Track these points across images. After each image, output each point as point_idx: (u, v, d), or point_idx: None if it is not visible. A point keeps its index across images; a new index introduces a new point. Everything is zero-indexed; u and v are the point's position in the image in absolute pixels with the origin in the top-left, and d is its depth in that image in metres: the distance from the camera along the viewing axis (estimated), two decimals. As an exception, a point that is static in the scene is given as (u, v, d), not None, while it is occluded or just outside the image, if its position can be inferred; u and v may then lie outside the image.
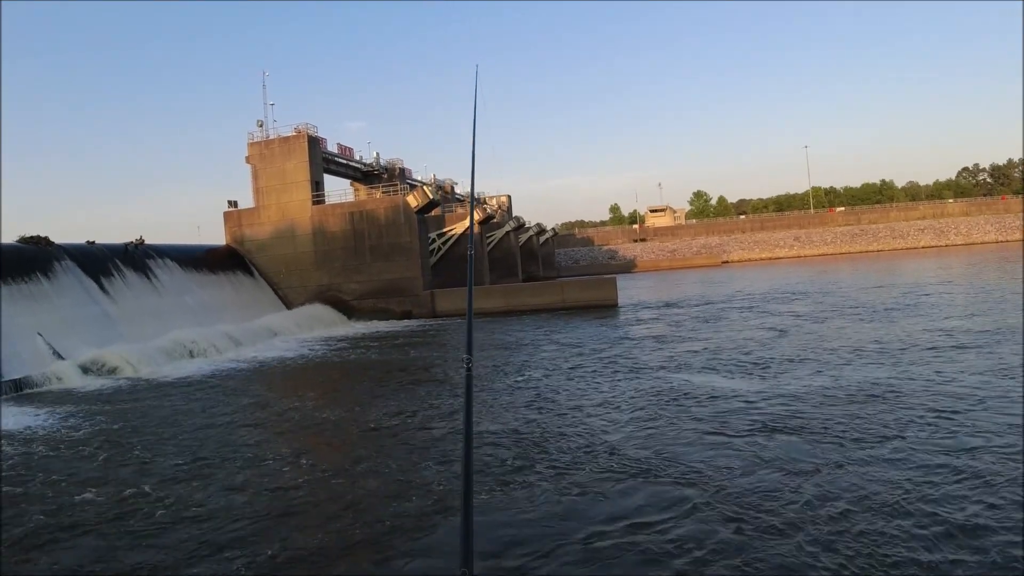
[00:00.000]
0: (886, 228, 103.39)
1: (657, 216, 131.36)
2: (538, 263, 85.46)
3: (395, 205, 42.16)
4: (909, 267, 59.70)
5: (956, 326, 22.91)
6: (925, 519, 7.86)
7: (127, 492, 10.56)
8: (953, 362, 17.14)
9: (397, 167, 57.09)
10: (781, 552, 7.26)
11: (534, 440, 12.33)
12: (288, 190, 42.76)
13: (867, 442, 11.01)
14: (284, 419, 15.76)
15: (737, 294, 43.29)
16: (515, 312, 40.04)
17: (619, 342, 25.04)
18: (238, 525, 8.97)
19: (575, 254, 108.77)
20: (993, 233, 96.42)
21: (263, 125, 43.61)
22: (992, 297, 31.22)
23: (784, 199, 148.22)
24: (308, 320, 37.41)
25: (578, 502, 9.17)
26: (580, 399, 15.77)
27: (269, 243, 42.98)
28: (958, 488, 8.71)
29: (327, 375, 22.87)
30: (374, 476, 10.84)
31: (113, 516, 9.55)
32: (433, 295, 41.86)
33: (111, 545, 8.52)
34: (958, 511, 8.02)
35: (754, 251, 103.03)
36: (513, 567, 7.32)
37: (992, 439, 10.61)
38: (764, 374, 17.27)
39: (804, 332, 24.40)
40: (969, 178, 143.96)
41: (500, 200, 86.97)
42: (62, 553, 8.36)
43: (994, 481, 8.88)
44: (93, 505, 10.07)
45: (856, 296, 36.21)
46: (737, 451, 10.97)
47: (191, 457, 12.57)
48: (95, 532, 8.99)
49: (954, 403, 13.03)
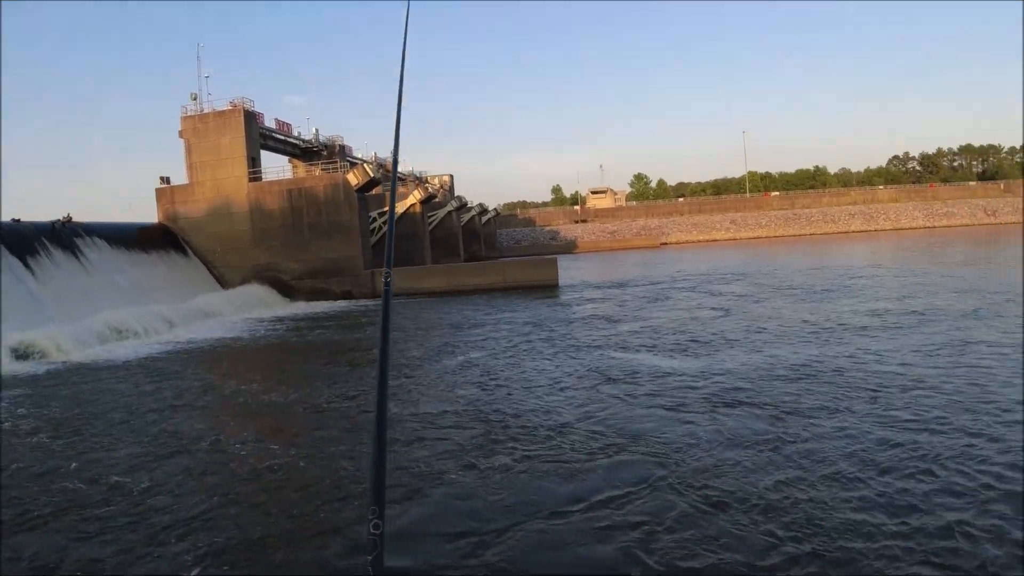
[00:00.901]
0: (819, 213, 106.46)
1: (598, 198, 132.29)
2: (480, 243, 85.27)
3: (335, 183, 41.41)
4: (841, 251, 61.63)
5: (888, 308, 23.75)
6: (870, 485, 8.29)
7: (73, 484, 10.13)
8: (889, 341, 17.80)
9: (337, 144, 56.08)
10: (738, 523, 7.49)
11: (486, 421, 12.33)
12: (224, 166, 41.53)
13: (812, 416, 11.44)
14: (229, 403, 15.37)
15: (677, 275, 43.99)
16: (457, 292, 39.92)
17: (562, 322, 25.20)
18: (189, 513, 8.73)
19: (517, 235, 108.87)
20: (921, 219, 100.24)
21: (197, 98, 42.18)
22: (921, 280, 32.48)
23: (722, 183, 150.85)
24: (245, 300, 36.53)
25: (535, 481, 9.22)
26: (529, 379, 15.84)
27: (204, 221, 41.74)
28: (898, 458, 9.10)
29: (268, 357, 22.43)
30: (323, 459, 10.69)
31: (63, 507, 9.14)
32: (374, 275, 41.37)
33: (52, 540, 8.17)
34: (901, 479, 8.46)
35: (692, 233, 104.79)
36: (469, 550, 7.32)
37: (925, 413, 11.09)
38: (708, 352, 17.62)
39: (744, 312, 24.98)
40: (899, 166, 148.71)
41: (442, 180, 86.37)
42: None
43: (931, 452, 9.31)
44: (35, 497, 9.63)
45: (792, 278, 37.19)
46: (689, 426, 11.22)
47: (137, 445, 12.12)
48: (39, 528, 8.60)
49: (892, 379, 13.56)
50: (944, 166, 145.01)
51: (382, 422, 1.90)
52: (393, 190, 2.95)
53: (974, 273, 34.96)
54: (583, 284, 41.86)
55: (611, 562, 6.91)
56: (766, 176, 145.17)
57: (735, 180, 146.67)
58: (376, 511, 1.70)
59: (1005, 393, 12.15)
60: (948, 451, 9.36)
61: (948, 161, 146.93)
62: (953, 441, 9.76)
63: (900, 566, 6.52)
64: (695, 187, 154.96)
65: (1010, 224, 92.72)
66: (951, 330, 18.72)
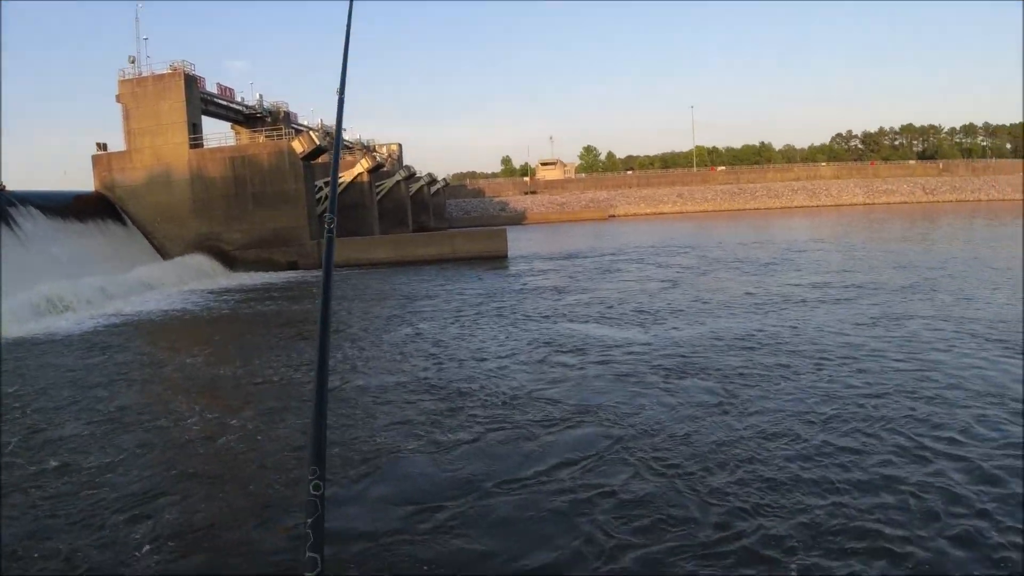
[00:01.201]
0: (763, 188, 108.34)
1: (548, 169, 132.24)
2: (429, 214, 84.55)
3: (279, 150, 40.38)
4: (784, 225, 62.95)
5: (829, 281, 24.37)
6: (814, 444, 8.67)
7: (19, 462, 9.73)
8: (830, 313, 18.28)
9: (282, 110, 54.65)
10: (688, 484, 7.67)
11: (438, 392, 12.30)
12: (163, 132, 40.08)
13: (760, 382, 11.84)
14: (177, 377, 14.95)
15: (625, 247, 44.37)
16: (405, 263, 39.55)
17: (512, 293, 25.21)
18: (141, 488, 8.54)
19: (466, 205, 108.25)
20: (861, 196, 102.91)
21: (135, 61, 40.43)
22: (862, 255, 33.42)
23: (670, 157, 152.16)
24: (187, 272, 35.55)
25: (488, 452, 9.27)
26: (480, 350, 15.84)
27: (143, 189, 40.30)
28: (841, 420, 9.37)
29: (214, 330, 21.86)
30: (276, 431, 10.57)
31: (7, 487, 8.78)
32: (320, 245, 40.70)
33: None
34: (842, 436, 8.93)
35: (640, 206, 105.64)
36: (429, 522, 7.31)
37: (868, 380, 11.45)
38: (656, 323, 17.87)
39: (691, 284, 25.36)
40: (842, 143, 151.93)
41: (391, 149, 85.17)
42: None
43: (876, 414, 9.69)
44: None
45: (737, 251, 37.88)
46: (639, 395, 11.46)
47: (85, 421, 11.68)
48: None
49: (837, 349, 14.01)
50: (885, 145, 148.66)
51: (323, 377, 1.81)
52: (338, 137, 2.83)
53: (912, 249, 36.03)
54: (533, 256, 41.90)
55: (566, 529, 6.97)
56: (713, 151, 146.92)
57: (683, 154, 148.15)
58: (316, 471, 1.59)
59: (945, 360, 12.62)
60: (891, 414, 9.72)
61: (889, 140, 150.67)
62: (894, 404, 10.13)
63: (840, 517, 6.77)
64: (644, 160, 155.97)
65: (946, 202, 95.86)
66: (890, 303, 19.29)
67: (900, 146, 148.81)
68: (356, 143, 72.50)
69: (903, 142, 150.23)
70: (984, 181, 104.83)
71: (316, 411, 1.74)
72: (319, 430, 1.70)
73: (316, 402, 1.76)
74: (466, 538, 6.95)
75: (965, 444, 8.71)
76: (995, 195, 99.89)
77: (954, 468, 7.99)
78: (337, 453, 9.41)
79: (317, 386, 1.79)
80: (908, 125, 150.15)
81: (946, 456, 8.34)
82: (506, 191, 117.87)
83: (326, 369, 1.84)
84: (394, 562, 6.55)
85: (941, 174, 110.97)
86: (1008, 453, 8.36)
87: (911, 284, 22.71)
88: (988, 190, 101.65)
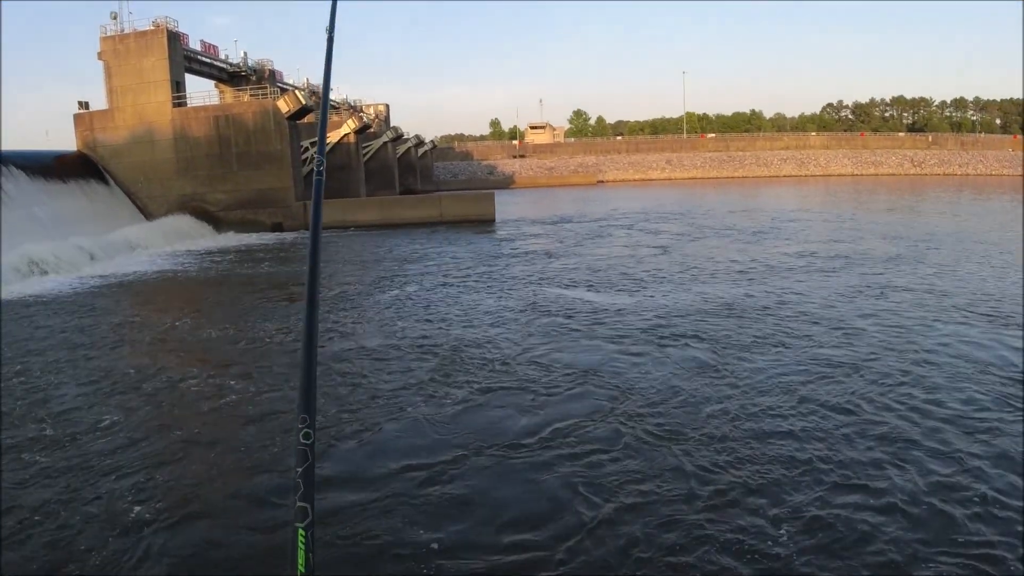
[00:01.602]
0: (752, 156, 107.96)
1: (537, 133, 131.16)
2: (416, 176, 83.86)
3: (264, 110, 39.77)
4: (772, 194, 62.92)
5: (815, 250, 24.47)
6: (807, 406, 8.83)
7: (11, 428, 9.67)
8: (822, 282, 18.50)
9: (267, 69, 53.69)
10: (683, 451, 7.76)
11: (431, 356, 12.32)
12: (146, 90, 39.30)
13: (749, 350, 12.04)
14: (169, 339, 14.83)
15: (613, 213, 44.27)
16: (391, 225, 39.29)
17: (499, 258, 25.17)
18: (134, 455, 8.49)
19: (454, 168, 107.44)
20: (850, 167, 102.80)
21: (117, 17, 39.41)
22: (850, 226, 33.57)
23: (659, 123, 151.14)
24: (171, 232, 35.15)
25: (482, 415, 9.37)
26: (470, 314, 15.90)
27: (125, 149, 39.61)
28: (832, 384, 9.49)
29: (199, 292, 21.71)
30: (268, 393, 10.57)
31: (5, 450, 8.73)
32: (306, 206, 40.29)
33: None
34: (835, 397, 9.02)
35: (628, 172, 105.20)
36: (421, 478, 7.40)
37: (855, 350, 11.58)
38: (646, 289, 17.97)
39: (681, 251, 25.41)
40: (832, 113, 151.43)
41: (378, 109, 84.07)
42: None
43: (864, 375, 9.72)
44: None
45: (726, 219, 37.89)
46: (633, 361, 11.56)
47: (83, 383, 11.59)
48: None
49: (825, 312, 14.32)
50: (876, 116, 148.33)
51: (312, 327, 1.80)
52: (326, 94, 2.78)
53: (898, 220, 36.21)
54: (520, 220, 41.75)
55: (561, 492, 7.05)
56: (703, 118, 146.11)
57: (673, 120, 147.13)
58: (306, 419, 1.57)
59: (925, 332, 12.71)
60: (874, 386, 9.80)
61: (880, 111, 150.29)
62: (878, 374, 10.22)
63: (825, 490, 6.85)
64: (633, 125, 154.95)
65: (935, 176, 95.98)
66: (876, 273, 19.42)
67: (890, 118, 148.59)
68: (343, 103, 71.54)
69: (893, 114, 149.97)
70: (972, 156, 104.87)
71: (305, 361, 1.71)
72: (309, 380, 1.68)
73: (304, 352, 1.73)
74: (455, 501, 7.01)
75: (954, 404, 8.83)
76: (982, 170, 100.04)
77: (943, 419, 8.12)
78: (333, 414, 9.44)
79: (306, 336, 1.77)
80: (899, 97, 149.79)
81: (926, 431, 8.45)
82: (494, 154, 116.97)
83: (315, 319, 1.82)
84: (384, 522, 6.60)
85: (930, 147, 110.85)
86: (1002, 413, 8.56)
87: (898, 254, 22.82)
88: (976, 164, 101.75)
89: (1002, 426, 8.43)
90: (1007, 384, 9.92)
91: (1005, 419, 8.65)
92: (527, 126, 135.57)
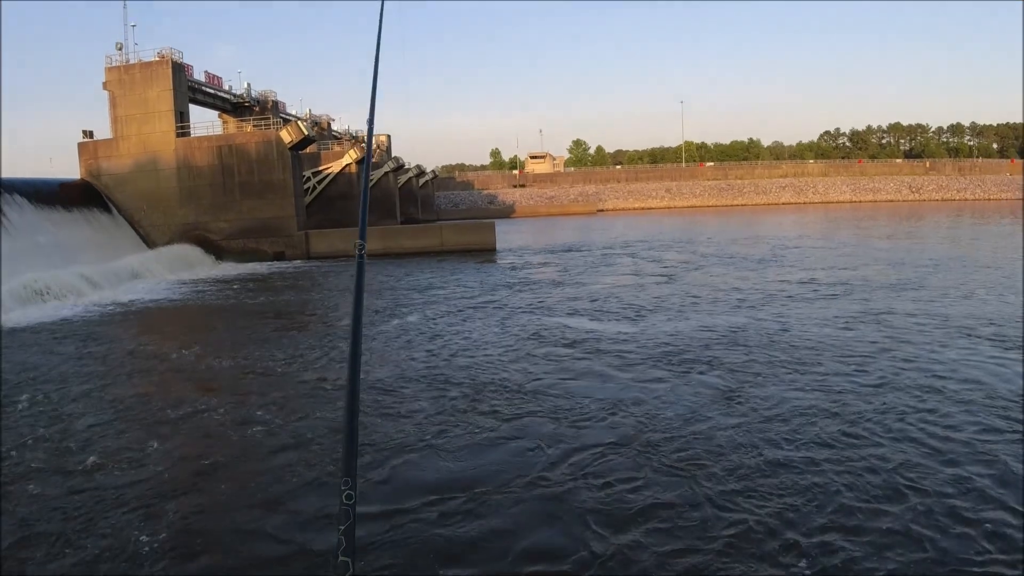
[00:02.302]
0: (751, 184, 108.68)
1: (537, 162, 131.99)
2: (417, 205, 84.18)
3: (267, 140, 40.11)
4: (773, 222, 63.13)
5: (820, 277, 24.54)
6: (824, 434, 8.59)
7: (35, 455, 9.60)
8: (825, 307, 18.55)
9: (270, 99, 54.26)
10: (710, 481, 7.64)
11: (442, 388, 12.17)
12: (150, 120, 39.68)
13: (763, 375, 12.06)
14: (171, 369, 14.62)
15: (614, 241, 44.43)
16: (393, 255, 39.37)
17: (501, 287, 25.14)
18: (150, 489, 8.33)
19: (455, 197, 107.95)
20: (848, 194, 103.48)
21: (123, 48, 39.96)
22: (850, 252, 33.68)
23: (658, 152, 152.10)
24: (173, 261, 35.23)
25: (504, 447, 9.27)
26: (475, 344, 15.77)
27: (129, 177, 39.89)
28: (843, 410, 9.40)
29: (202, 321, 21.63)
30: (286, 425, 10.41)
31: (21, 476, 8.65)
32: (308, 236, 40.50)
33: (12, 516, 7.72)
34: (849, 425, 8.76)
35: (628, 201, 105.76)
36: (446, 516, 7.27)
37: (867, 375, 11.48)
38: (657, 318, 17.83)
39: (686, 280, 25.48)
40: (830, 141, 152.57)
41: (379, 139, 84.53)
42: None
43: (874, 403, 9.65)
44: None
45: (728, 247, 38.02)
46: (655, 390, 11.42)
47: (99, 413, 11.40)
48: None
49: (830, 339, 14.04)
50: (873, 143, 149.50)
51: (354, 392, 1.91)
52: (368, 158, 2.83)
53: (898, 246, 36.32)
54: (521, 249, 41.83)
55: (576, 525, 6.97)
56: (702, 146, 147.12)
57: (671, 149, 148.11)
58: (348, 482, 1.73)
59: (943, 354, 12.69)
60: (885, 415, 9.72)
61: (877, 138, 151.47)
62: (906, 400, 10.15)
63: (845, 520, 6.73)
64: (632, 155, 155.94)
65: (933, 201, 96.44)
66: (883, 299, 19.44)
67: (887, 145, 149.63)
68: (345, 133, 72.17)
69: (891, 141, 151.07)
70: (970, 180, 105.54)
71: (347, 424, 1.84)
72: (351, 443, 1.81)
73: (347, 416, 1.86)
74: (474, 534, 6.91)
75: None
76: (980, 194, 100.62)
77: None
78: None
79: (348, 400, 1.89)
80: (896, 124, 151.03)
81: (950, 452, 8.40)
82: (495, 184, 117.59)
83: (357, 383, 1.94)
84: (417, 559, 6.50)
85: (928, 173, 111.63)
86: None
87: (900, 281, 22.85)
88: (974, 189, 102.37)
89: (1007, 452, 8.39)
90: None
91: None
92: (527, 155, 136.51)
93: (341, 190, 53.53)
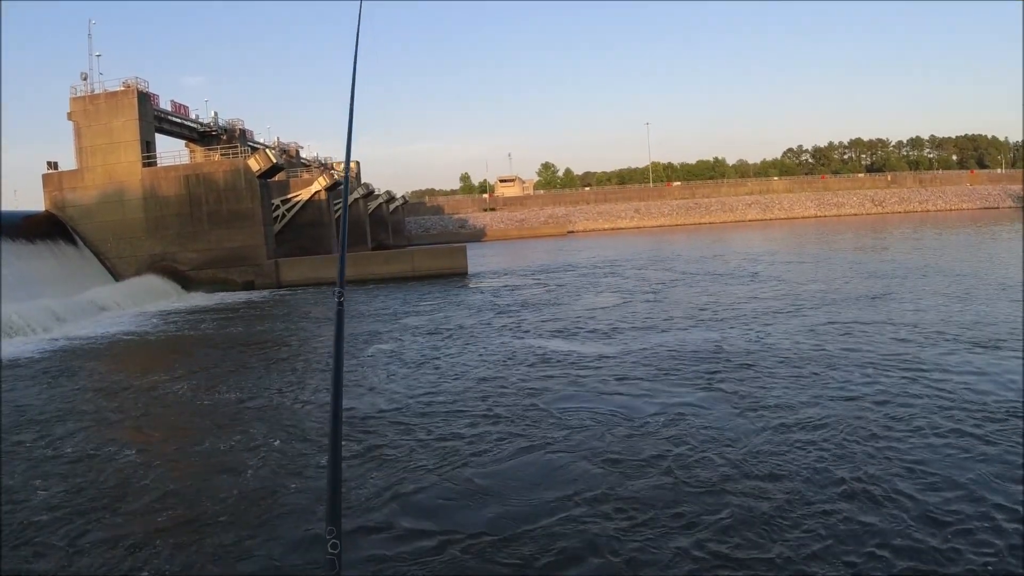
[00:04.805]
0: (718, 202, 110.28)
1: (507, 186, 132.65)
2: (388, 231, 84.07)
3: (235, 168, 39.80)
4: (740, 238, 63.92)
5: (795, 291, 24.81)
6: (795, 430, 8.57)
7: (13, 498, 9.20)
8: (800, 321, 18.74)
9: (237, 128, 53.85)
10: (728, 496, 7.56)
11: (425, 416, 11.91)
12: (115, 150, 39.18)
13: (761, 388, 11.86)
14: (140, 407, 14.06)
15: (585, 262, 44.65)
16: (365, 281, 39.12)
17: (475, 311, 25.03)
18: (124, 538, 8.05)
19: (426, 222, 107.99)
20: (813, 209, 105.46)
21: (88, 78, 39.51)
22: (824, 266, 34.20)
23: (626, 173, 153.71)
24: (140, 293, 34.69)
25: (497, 468, 9.18)
26: (456, 368, 15.62)
27: (95, 209, 39.28)
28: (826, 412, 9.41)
29: (171, 354, 21.06)
30: (264, 462, 10.07)
31: None
32: (278, 264, 40.15)
33: None
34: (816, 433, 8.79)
35: (598, 222, 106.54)
36: (439, 548, 7.08)
37: (852, 383, 11.57)
38: (626, 336, 17.82)
39: (658, 297, 25.58)
40: (793, 158, 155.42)
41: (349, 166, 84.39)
42: None
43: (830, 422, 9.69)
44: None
45: (700, 264, 38.37)
46: (628, 408, 11.32)
47: (63, 458, 10.96)
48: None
49: (815, 355, 14.11)
50: (835, 158, 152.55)
51: (336, 440, 1.87)
52: (346, 194, 2.71)
53: (867, 258, 36.90)
54: (494, 272, 41.87)
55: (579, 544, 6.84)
56: (668, 166, 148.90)
57: (639, 170, 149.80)
58: (333, 531, 1.71)
59: (931, 358, 12.83)
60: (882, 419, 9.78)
61: (839, 154, 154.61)
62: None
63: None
64: (601, 176, 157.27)
65: (896, 214, 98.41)
66: (855, 310, 19.75)
67: (849, 160, 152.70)
68: (313, 160, 71.89)
69: (852, 156, 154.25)
70: (931, 192, 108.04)
71: (331, 472, 1.82)
72: (335, 491, 1.79)
73: (331, 463, 1.83)
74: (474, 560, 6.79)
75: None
76: (942, 205, 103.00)
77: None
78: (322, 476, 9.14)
79: (331, 447, 1.86)
80: (857, 139, 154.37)
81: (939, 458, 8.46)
82: (465, 208, 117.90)
83: (339, 430, 1.90)
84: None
85: (889, 186, 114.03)
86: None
87: (882, 294, 23.17)
88: (935, 200, 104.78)
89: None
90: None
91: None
92: (497, 179, 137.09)
93: (311, 217, 53.20)
